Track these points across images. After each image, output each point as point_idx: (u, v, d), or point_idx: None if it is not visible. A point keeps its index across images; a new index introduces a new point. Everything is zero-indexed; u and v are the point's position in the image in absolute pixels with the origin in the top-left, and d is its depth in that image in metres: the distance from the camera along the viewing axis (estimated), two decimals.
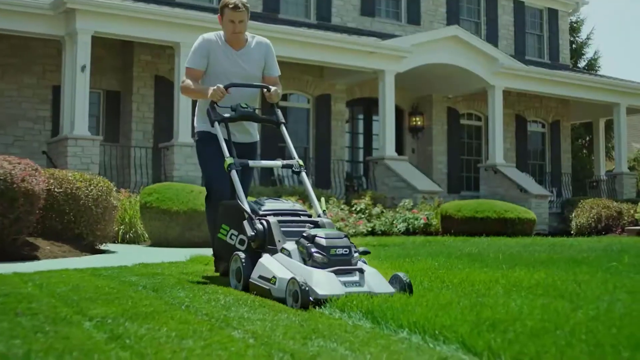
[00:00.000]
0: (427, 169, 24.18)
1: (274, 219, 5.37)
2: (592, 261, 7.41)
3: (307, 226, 5.42)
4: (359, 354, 3.32)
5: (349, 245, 4.98)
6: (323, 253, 4.85)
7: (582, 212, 21.82)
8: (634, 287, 5.37)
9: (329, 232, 5.06)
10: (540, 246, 10.63)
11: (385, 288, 4.78)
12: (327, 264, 4.82)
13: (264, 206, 5.59)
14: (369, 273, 4.87)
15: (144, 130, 19.65)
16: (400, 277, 4.87)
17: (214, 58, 6.43)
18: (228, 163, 5.83)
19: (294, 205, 5.76)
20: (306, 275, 4.68)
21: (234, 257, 5.47)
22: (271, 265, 5.04)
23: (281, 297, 4.75)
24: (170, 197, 12.60)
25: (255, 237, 5.30)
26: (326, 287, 4.60)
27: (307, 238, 4.99)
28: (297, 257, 4.98)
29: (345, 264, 4.87)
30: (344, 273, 4.79)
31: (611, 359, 3.10)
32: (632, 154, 37.77)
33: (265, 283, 4.99)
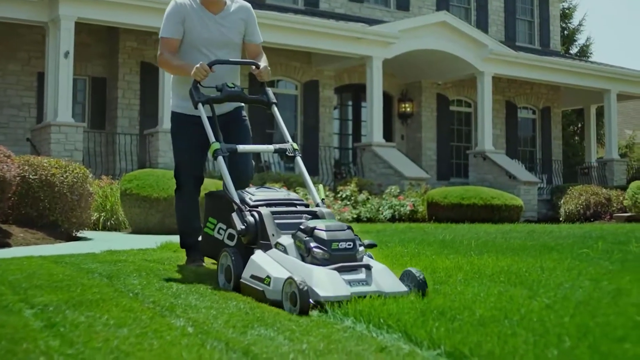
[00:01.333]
0: (417, 156, 24.08)
1: (266, 210, 4.78)
2: (565, 248, 7.33)
3: (304, 217, 4.87)
4: (297, 342, 3.25)
5: (352, 238, 4.42)
6: (324, 248, 4.30)
7: (570, 199, 21.75)
8: (598, 275, 5.28)
9: (330, 224, 4.49)
10: (519, 233, 10.55)
11: (396, 287, 4.23)
12: (328, 260, 4.27)
13: (255, 196, 5.00)
14: (377, 270, 4.31)
15: (130, 117, 19.53)
16: (413, 274, 4.33)
17: (190, 24, 5.81)
18: (214, 149, 5.18)
19: (288, 194, 5.18)
20: (305, 274, 4.11)
21: (223, 253, 4.91)
22: (264, 262, 4.46)
23: (277, 300, 4.17)
24: (150, 183, 12.51)
25: (246, 231, 4.70)
26: (329, 287, 4.04)
27: (304, 231, 4.44)
28: (293, 253, 4.41)
29: (349, 259, 4.32)
30: (348, 270, 4.24)
31: (553, 348, 3.01)
32: (624, 140, 37.72)
33: (257, 283, 4.40)
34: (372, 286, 4.18)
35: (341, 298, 3.97)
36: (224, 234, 5.23)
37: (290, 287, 4.03)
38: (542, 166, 27.24)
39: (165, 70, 6.05)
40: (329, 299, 3.96)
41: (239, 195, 4.98)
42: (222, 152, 5.19)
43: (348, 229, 4.48)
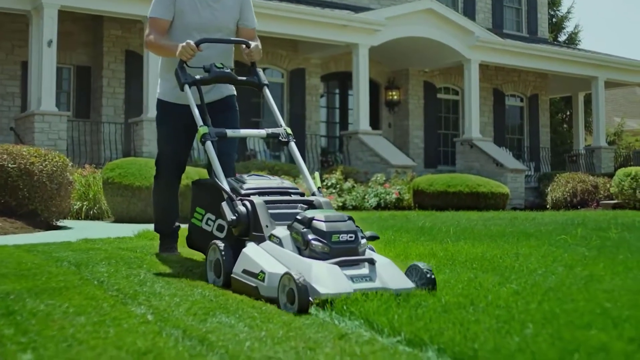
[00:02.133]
0: (404, 144, 24.03)
1: (259, 199, 4.43)
2: (544, 235, 7.30)
3: (300, 207, 4.56)
4: (256, 330, 3.20)
5: (354, 230, 4.08)
6: (323, 240, 3.96)
7: (557, 187, 21.74)
8: (573, 261, 5.26)
9: (330, 214, 4.14)
10: (501, 220, 10.53)
11: (402, 283, 3.90)
12: (328, 254, 3.93)
13: (247, 184, 4.66)
14: (381, 264, 3.98)
15: (115, 106, 19.43)
16: (420, 269, 4.01)
17: (181, 6, 5.47)
18: (202, 133, 4.82)
19: (282, 182, 4.85)
20: (303, 269, 3.79)
21: (212, 246, 4.54)
22: (258, 256, 4.12)
23: (272, 297, 3.84)
24: (132, 172, 12.41)
25: (237, 221, 4.33)
26: (329, 283, 3.71)
27: (301, 222, 4.08)
28: (290, 245, 4.08)
29: (351, 253, 4.00)
30: (350, 265, 3.91)
31: (515, 335, 2.97)
32: (612, 128, 37.73)
33: (251, 279, 4.06)
34: (376, 282, 3.85)
35: (343, 295, 3.63)
36: (213, 225, 4.87)
37: (288, 284, 3.69)
38: (530, 154, 27.23)
39: (151, 51, 5.74)
40: (329, 296, 3.62)
41: (229, 184, 4.63)
42: (210, 137, 4.84)
43: (349, 219, 4.15)
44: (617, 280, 4.49)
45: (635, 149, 30.90)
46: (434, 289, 3.93)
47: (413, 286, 3.91)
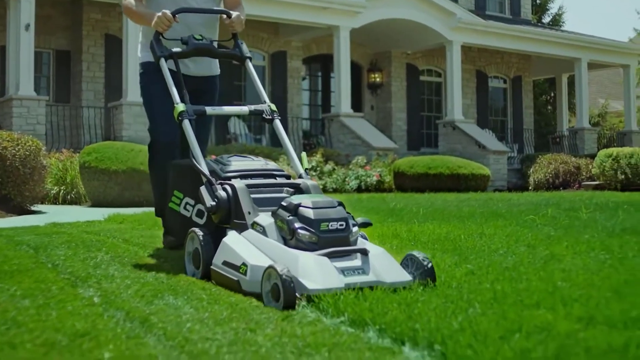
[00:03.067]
0: (386, 126, 24.00)
1: (241, 182, 4.06)
2: (514, 215, 7.29)
3: (285, 191, 4.22)
4: (201, 311, 3.18)
5: (345, 217, 3.71)
6: (311, 229, 3.60)
7: (539, 168, 21.77)
8: (536, 241, 5.24)
9: (318, 200, 3.76)
10: (477, 201, 10.52)
11: (398, 275, 3.56)
12: (316, 244, 3.58)
13: (228, 166, 4.29)
14: (375, 255, 3.62)
15: (95, 90, 19.32)
16: (417, 259, 3.68)
17: None
18: (179, 111, 4.45)
19: (266, 164, 4.46)
20: (289, 262, 3.44)
21: (190, 235, 4.17)
22: (239, 246, 3.77)
23: (255, 293, 3.49)
24: (109, 156, 12.37)
25: (217, 207, 3.97)
26: (318, 277, 3.38)
27: (287, 208, 3.72)
28: (274, 234, 3.72)
29: (341, 243, 3.64)
30: (341, 256, 3.56)
31: (460, 315, 2.95)
32: (597, 109, 37.76)
33: (232, 272, 3.69)
34: (369, 275, 3.50)
35: (333, 291, 3.28)
36: (192, 211, 4.46)
37: (272, 278, 3.33)
38: (513, 135, 27.24)
39: (128, 16, 5.28)
40: (319, 291, 3.28)
41: (208, 166, 4.26)
42: (188, 114, 4.45)
43: (339, 205, 3.77)
44: (578, 260, 4.47)
45: (619, 130, 30.91)
46: (433, 280, 3.59)
47: (410, 279, 3.56)
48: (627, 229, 6.10)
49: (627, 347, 2.52)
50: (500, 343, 2.54)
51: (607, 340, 2.59)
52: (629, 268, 4.18)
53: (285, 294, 3.22)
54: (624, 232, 5.96)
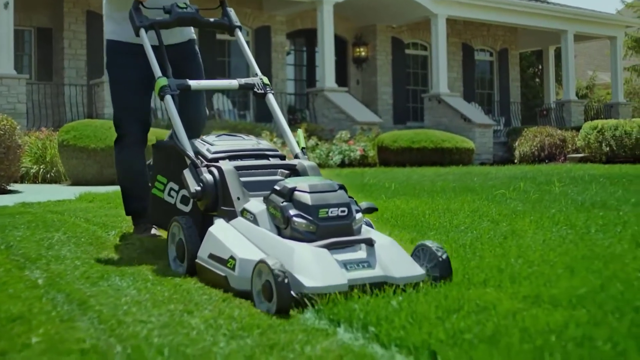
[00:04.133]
0: (372, 100, 23.92)
1: (229, 164, 3.64)
2: (485, 189, 7.25)
3: (280, 173, 3.78)
4: (143, 293, 3.14)
5: (346, 202, 3.28)
6: (308, 216, 3.17)
7: (525, 141, 21.74)
8: (501, 216, 5.21)
9: (316, 183, 3.32)
10: (454, 175, 10.48)
11: (409, 269, 3.12)
12: (314, 233, 3.15)
13: (215, 146, 3.86)
14: (382, 246, 3.20)
15: (77, 68, 19.20)
16: (431, 251, 3.25)
17: None
18: (160, 85, 3.98)
19: (258, 143, 4.02)
20: (283, 255, 3.03)
21: (173, 223, 3.75)
22: (227, 237, 3.35)
23: (245, 291, 3.07)
24: (88, 134, 12.28)
25: (202, 193, 3.55)
26: (317, 273, 2.94)
27: (281, 193, 3.29)
28: (266, 223, 3.29)
29: (343, 232, 3.21)
30: (342, 247, 3.13)
31: (397, 295, 2.91)
32: (585, 81, 37.71)
33: (218, 267, 3.27)
34: (376, 269, 3.07)
35: (335, 289, 2.90)
36: (176, 197, 4.07)
37: (263, 275, 2.92)
38: (500, 108, 27.19)
39: None
40: (318, 290, 2.88)
41: (192, 146, 3.85)
42: (170, 89, 3.99)
43: (340, 188, 3.33)
44: (539, 236, 4.44)
45: (606, 102, 30.88)
46: (449, 275, 3.19)
47: (423, 273, 3.14)
48: (596, 203, 6.07)
49: (566, 326, 2.49)
50: (435, 324, 2.51)
51: (547, 320, 2.56)
52: (589, 244, 4.15)
53: (279, 293, 2.78)
54: (593, 206, 5.94)
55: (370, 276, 3.03)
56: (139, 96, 4.74)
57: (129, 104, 4.73)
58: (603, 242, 4.19)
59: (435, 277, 3.17)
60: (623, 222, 4.90)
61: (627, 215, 5.32)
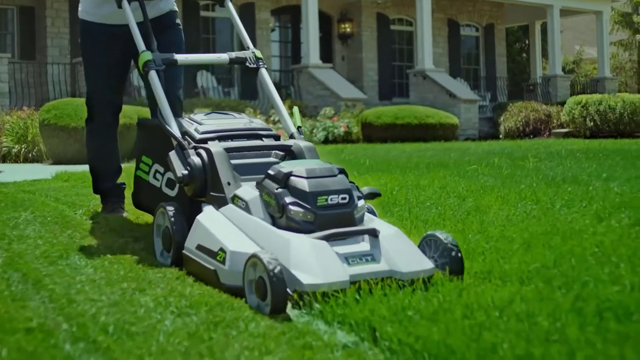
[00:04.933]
0: (358, 77, 23.89)
1: (219, 146, 3.36)
2: (459, 165, 7.27)
3: (274, 155, 3.51)
4: (99, 271, 3.17)
5: (348, 188, 3.00)
6: (305, 204, 2.89)
7: (510, 116, 21.79)
8: (467, 192, 5.23)
9: (314, 166, 3.02)
10: (433, 151, 10.52)
11: (417, 263, 2.85)
12: (312, 223, 2.88)
13: (203, 125, 3.57)
14: (387, 236, 2.92)
15: (60, 46, 19.13)
16: (439, 241, 2.98)
17: None
18: (144, 60, 3.74)
19: (251, 122, 3.72)
20: (278, 247, 2.77)
21: (159, 209, 3.48)
22: (217, 226, 3.06)
23: (236, 287, 2.80)
24: (68, 113, 12.24)
25: (189, 177, 3.27)
26: (315, 268, 2.68)
27: (275, 178, 3.00)
28: (260, 211, 3.01)
29: (344, 222, 2.94)
30: (343, 239, 2.86)
31: None
32: (572, 56, 37.72)
33: (207, 259, 2.99)
34: (381, 263, 2.80)
35: (335, 286, 2.64)
36: (162, 180, 3.80)
37: (256, 270, 2.65)
38: (487, 84, 27.20)
39: None
40: (317, 287, 2.62)
41: (179, 126, 3.58)
42: (155, 64, 3.74)
43: (340, 173, 3.07)
44: (503, 211, 4.47)
45: (592, 77, 30.92)
46: (461, 271, 2.91)
47: (432, 267, 2.87)
48: (567, 178, 6.10)
49: (511, 302, 2.51)
50: (380, 301, 2.54)
51: (492, 296, 2.58)
52: (552, 219, 4.19)
53: (273, 292, 2.52)
54: (564, 181, 5.97)
55: (375, 271, 2.76)
56: (113, 80, 4.63)
57: (99, 86, 4.61)
58: (566, 218, 4.22)
59: (444, 269, 2.89)
60: (589, 197, 4.94)
61: (596, 190, 5.36)
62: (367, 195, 3.18)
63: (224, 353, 2.13)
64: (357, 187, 3.11)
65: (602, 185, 5.71)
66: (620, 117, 19.24)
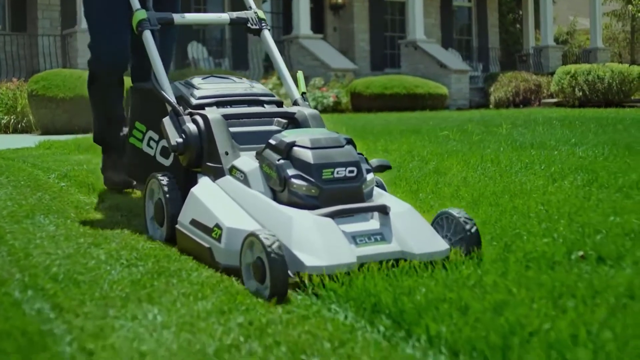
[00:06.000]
0: (349, 47, 23.93)
1: (216, 112, 3.12)
2: (431, 131, 7.40)
3: (276, 123, 3.28)
4: (61, 228, 3.32)
5: (355, 160, 2.76)
6: (309, 178, 2.66)
7: (500, 86, 21.90)
8: (431, 156, 5.37)
9: (318, 136, 2.80)
10: (416, 119, 10.67)
11: (431, 244, 2.62)
12: (317, 198, 2.66)
13: (200, 90, 3.30)
14: (398, 214, 2.69)
15: (51, 18, 19.14)
16: (454, 218, 2.74)
17: None
18: (139, 19, 3.50)
19: (251, 87, 3.46)
20: (279, 225, 2.56)
21: (151, 180, 3.25)
22: (212, 200, 2.84)
23: (232, 267, 2.57)
24: (57, 84, 12.38)
25: (184, 146, 3.05)
26: (319, 249, 2.46)
27: (277, 148, 2.76)
28: (259, 184, 2.78)
29: (352, 197, 2.71)
30: (350, 216, 2.64)
31: None
32: (566, 27, 37.69)
33: (202, 236, 2.78)
34: (392, 243, 2.58)
35: (341, 268, 2.42)
36: (156, 148, 3.54)
37: (254, 250, 2.43)
38: (479, 54, 27.22)
39: None
40: (321, 270, 2.40)
41: (175, 90, 3.33)
42: (150, 24, 3.50)
43: (348, 143, 2.83)
44: (462, 173, 4.61)
45: (584, 47, 30.96)
46: (478, 248, 2.68)
47: (447, 248, 2.64)
48: (535, 143, 6.24)
49: None
50: None
51: None
52: (507, 180, 4.33)
53: (273, 275, 2.29)
54: (532, 146, 6.11)
55: (385, 252, 2.54)
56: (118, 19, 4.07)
57: (105, 26, 4.11)
58: (521, 179, 4.36)
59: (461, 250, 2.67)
60: (550, 161, 5.08)
61: (560, 155, 5.50)
62: (376, 167, 2.93)
63: (161, 298, 2.28)
64: (366, 159, 2.88)
65: (568, 150, 5.85)
66: (609, 87, 19.35)
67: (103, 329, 2.00)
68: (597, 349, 1.73)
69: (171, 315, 2.12)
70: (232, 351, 1.85)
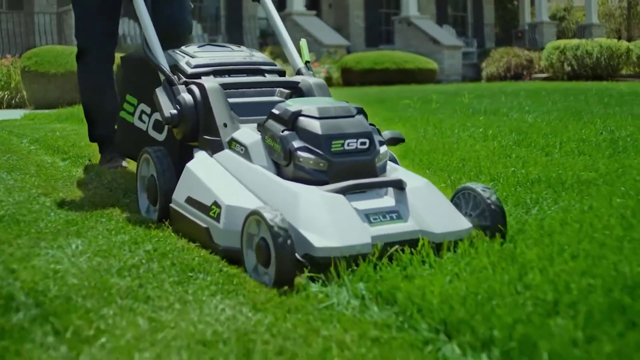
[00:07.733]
0: (344, 24, 24.14)
1: (214, 81, 2.90)
2: (396, 100, 7.69)
3: (279, 93, 3.03)
4: (18, 182, 3.62)
5: (368, 131, 2.49)
6: (318, 150, 2.40)
7: (492, 62, 22.16)
8: (382, 121, 5.68)
9: (325, 105, 2.53)
10: (396, 92, 10.92)
11: (451, 222, 2.37)
12: (326, 173, 2.40)
13: (196, 58, 3.08)
14: (415, 189, 2.43)
15: None
16: (477, 193, 2.50)
17: None
18: None
19: (251, 55, 3.24)
20: (285, 203, 2.31)
21: (143, 156, 3.04)
22: (210, 176, 2.61)
23: (232, 249, 2.36)
24: (49, 60, 12.68)
25: (179, 118, 2.82)
26: (330, 229, 2.19)
27: (281, 118, 2.51)
28: (262, 158, 2.54)
29: (364, 171, 2.45)
30: (363, 192, 2.39)
31: None
32: (563, 3, 37.78)
33: (198, 215, 2.55)
34: (409, 222, 2.32)
35: (354, 250, 2.17)
36: (148, 122, 3.31)
37: (258, 230, 2.21)
38: (474, 30, 27.43)
39: None
40: (332, 252, 2.15)
41: (168, 58, 3.10)
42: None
43: (358, 113, 2.56)
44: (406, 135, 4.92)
45: (580, 23, 31.12)
46: (503, 226, 2.43)
47: (469, 227, 2.39)
48: (488, 110, 6.56)
49: None
50: None
51: None
52: (442, 140, 4.66)
53: (279, 257, 2.06)
54: (485, 113, 6.42)
55: (402, 231, 2.29)
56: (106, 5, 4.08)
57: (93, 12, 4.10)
58: (456, 140, 4.69)
59: (484, 227, 2.44)
60: (489, 124, 5.39)
61: (510, 120, 5.81)
62: (389, 140, 2.75)
63: (87, 233, 2.63)
64: (378, 130, 2.61)
65: (519, 116, 6.16)
66: (597, 62, 19.61)
67: (29, 255, 2.35)
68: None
69: (91, 245, 2.46)
70: (131, 270, 2.20)
